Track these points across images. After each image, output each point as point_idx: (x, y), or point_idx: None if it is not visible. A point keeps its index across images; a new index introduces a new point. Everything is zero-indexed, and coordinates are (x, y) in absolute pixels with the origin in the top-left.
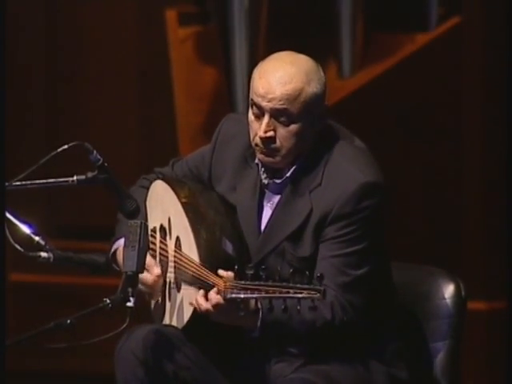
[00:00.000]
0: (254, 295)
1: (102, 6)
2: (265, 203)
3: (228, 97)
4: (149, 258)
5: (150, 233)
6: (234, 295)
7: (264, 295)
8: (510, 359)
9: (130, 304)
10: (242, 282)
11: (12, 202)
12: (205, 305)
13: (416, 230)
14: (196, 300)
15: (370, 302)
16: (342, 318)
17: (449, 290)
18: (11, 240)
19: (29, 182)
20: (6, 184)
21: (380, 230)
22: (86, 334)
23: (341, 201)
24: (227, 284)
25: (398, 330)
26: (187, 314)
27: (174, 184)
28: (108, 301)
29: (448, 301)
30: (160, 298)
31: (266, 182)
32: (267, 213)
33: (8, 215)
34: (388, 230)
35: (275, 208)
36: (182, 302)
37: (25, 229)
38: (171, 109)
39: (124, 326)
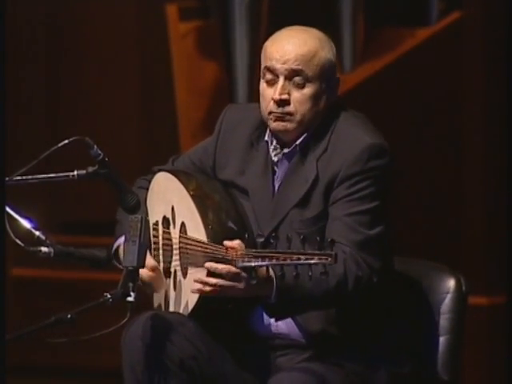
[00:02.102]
0: (266, 263)
1: (102, 0)
2: (276, 181)
3: (229, 91)
4: None
5: (152, 227)
6: (245, 263)
7: (275, 262)
8: (510, 354)
9: (130, 299)
10: (253, 251)
11: (12, 196)
12: (213, 280)
13: (417, 225)
14: (200, 280)
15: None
16: (356, 272)
17: (449, 285)
18: (12, 235)
19: (29, 177)
20: (7, 179)
21: (388, 194)
22: (87, 329)
23: (348, 162)
24: (238, 253)
25: (398, 325)
26: (193, 299)
27: (178, 173)
28: (109, 295)
29: (449, 296)
30: (164, 293)
31: (275, 159)
32: None
33: (9, 210)
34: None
35: (283, 178)
36: (188, 287)
37: (25, 224)
38: (172, 104)
39: (124, 320)
